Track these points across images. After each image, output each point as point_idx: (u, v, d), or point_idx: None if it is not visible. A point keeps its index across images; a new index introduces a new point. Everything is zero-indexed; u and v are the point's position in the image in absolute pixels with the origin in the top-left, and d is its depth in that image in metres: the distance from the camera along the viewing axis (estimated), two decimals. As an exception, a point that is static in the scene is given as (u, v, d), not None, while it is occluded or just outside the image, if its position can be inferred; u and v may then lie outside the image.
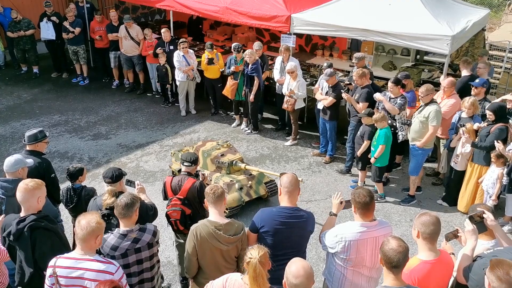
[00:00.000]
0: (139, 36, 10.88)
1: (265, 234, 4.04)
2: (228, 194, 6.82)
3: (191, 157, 5.18)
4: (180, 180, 5.05)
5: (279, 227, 3.99)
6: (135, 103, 11.04)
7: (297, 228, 4.03)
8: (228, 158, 7.26)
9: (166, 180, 5.16)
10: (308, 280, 3.03)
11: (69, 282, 3.43)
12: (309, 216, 4.14)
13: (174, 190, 5.03)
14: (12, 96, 11.16)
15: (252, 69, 8.92)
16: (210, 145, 7.55)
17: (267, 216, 4.07)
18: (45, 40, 11.82)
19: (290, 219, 4.01)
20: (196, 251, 3.99)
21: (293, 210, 4.05)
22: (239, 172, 7.31)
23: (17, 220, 3.75)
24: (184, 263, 4.22)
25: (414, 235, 3.60)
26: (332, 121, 8.30)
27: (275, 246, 3.98)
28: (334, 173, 8.27)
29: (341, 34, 8.94)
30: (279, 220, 4.01)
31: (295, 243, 4.05)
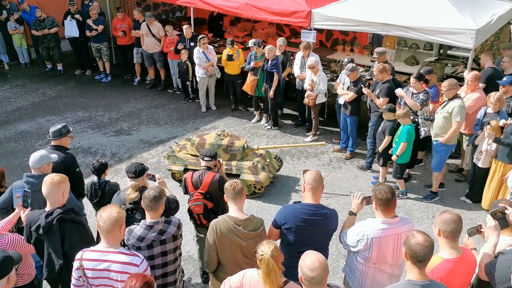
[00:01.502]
0: (160, 33, 10.98)
1: (287, 230, 4.03)
2: (259, 175, 7.17)
3: (211, 152, 5.24)
4: (200, 175, 5.10)
5: (302, 224, 3.98)
6: (156, 99, 11.15)
7: (320, 226, 4.00)
8: (239, 144, 7.35)
9: (186, 175, 5.20)
10: (324, 272, 3.03)
11: (95, 274, 3.50)
12: (332, 214, 4.10)
13: (195, 185, 5.08)
14: (38, 93, 11.40)
15: (272, 65, 8.91)
16: (211, 137, 7.53)
17: (290, 213, 4.05)
18: (69, 38, 12.04)
19: (313, 216, 3.98)
20: (216, 246, 4.02)
21: (317, 207, 4.02)
22: (251, 156, 7.50)
23: (45, 214, 3.84)
24: (204, 257, 4.26)
25: (435, 233, 3.55)
26: (353, 117, 8.24)
27: (297, 243, 3.99)
28: (354, 169, 8.22)
29: (362, 29, 8.85)
30: (302, 217, 3.98)
31: (317, 241, 4.03)
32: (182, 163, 7.53)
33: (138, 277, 3.14)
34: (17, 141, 9.20)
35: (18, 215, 4.39)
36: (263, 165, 7.37)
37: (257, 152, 7.62)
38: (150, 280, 3.18)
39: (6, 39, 12.44)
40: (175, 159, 7.60)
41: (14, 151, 8.84)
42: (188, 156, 7.58)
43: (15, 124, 9.88)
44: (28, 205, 4.36)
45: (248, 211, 4.80)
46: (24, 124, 9.89)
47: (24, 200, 4.36)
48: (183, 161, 7.53)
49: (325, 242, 4.13)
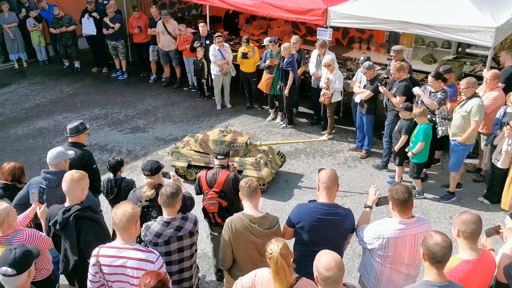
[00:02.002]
0: (176, 31, 11.02)
1: (301, 229, 4.01)
2: (262, 171, 7.23)
3: (224, 150, 5.26)
4: (214, 173, 5.11)
5: (316, 223, 3.95)
6: (171, 97, 11.20)
7: (334, 226, 3.97)
8: (242, 140, 7.42)
9: (200, 174, 5.21)
10: (340, 271, 3.01)
11: (112, 270, 3.53)
12: (348, 214, 4.05)
13: (210, 183, 5.09)
14: (55, 90, 11.54)
15: (287, 63, 8.88)
16: (214, 133, 7.62)
17: (303, 212, 4.02)
18: (86, 36, 12.16)
19: (327, 216, 3.94)
20: (231, 244, 4.02)
21: (331, 206, 3.98)
22: (254, 152, 7.56)
23: (62, 210, 3.88)
24: (219, 255, 4.26)
25: (454, 234, 3.50)
26: (369, 115, 8.18)
27: (311, 243, 3.96)
28: (370, 168, 8.15)
29: (379, 26, 8.77)
30: (316, 216, 3.95)
31: (331, 240, 3.98)
32: (185, 159, 7.63)
33: (152, 275, 3.15)
34: (35, 137, 9.33)
35: (34, 211, 4.45)
36: (265, 161, 7.45)
37: (260, 148, 7.68)
38: (165, 278, 3.19)
39: (25, 37, 12.62)
40: (179, 155, 7.70)
41: (32, 147, 8.96)
42: (191, 152, 7.67)
43: (33, 121, 10.02)
44: (43, 201, 4.41)
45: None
46: (42, 121, 10.02)
47: (40, 196, 4.40)
48: (187, 157, 7.63)
49: (340, 242, 4.09)
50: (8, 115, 10.28)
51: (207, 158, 7.50)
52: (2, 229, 4.03)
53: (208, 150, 7.52)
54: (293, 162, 8.39)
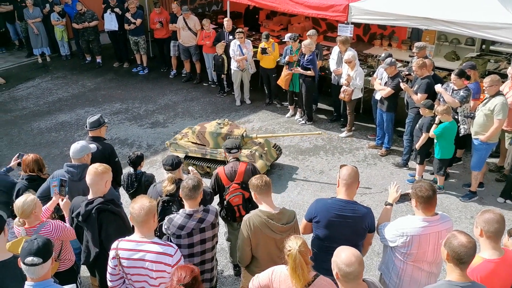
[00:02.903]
0: (197, 27, 11.06)
1: (318, 224, 4.01)
2: (256, 164, 7.15)
3: (235, 143, 5.29)
4: (232, 167, 5.14)
5: (332, 219, 3.94)
6: (191, 92, 11.26)
7: (351, 222, 3.94)
8: (238, 133, 7.52)
9: (218, 171, 5.20)
10: (361, 267, 3.00)
11: (130, 263, 3.57)
12: (367, 212, 4.01)
13: (230, 177, 5.10)
14: (77, 85, 11.71)
15: (308, 61, 8.83)
16: (211, 125, 7.75)
17: (321, 207, 4.03)
18: (108, 31, 12.29)
19: (344, 211, 3.93)
20: (250, 241, 4.03)
21: (349, 203, 3.97)
22: (249, 144, 7.68)
23: (85, 202, 3.95)
24: (238, 253, 4.28)
25: (477, 234, 3.44)
26: (389, 113, 8.09)
27: (327, 238, 3.96)
28: (390, 166, 8.08)
29: (402, 23, 8.65)
30: (333, 212, 3.94)
31: (348, 237, 3.95)
32: (183, 150, 7.76)
33: (187, 270, 3.11)
34: (58, 131, 9.49)
35: (55, 203, 4.52)
36: (261, 154, 7.55)
37: (256, 141, 7.78)
38: (198, 273, 3.17)
39: (48, 32, 12.84)
40: (177, 147, 7.84)
41: (55, 140, 9.12)
42: (189, 143, 7.82)
43: (56, 114, 10.19)
44: (65, 193, 4.47)
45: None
46: (64, 114, 10.18)
47: (60, 189, 4.46)
48: (184, 149, 7.77)
49: (357, 240, 4.05)
50: (31, 109, 10.47)
51: (203, 150, 7.66)
52: (29, 221, 4.13)
53: (204, 141, 7.69)
54: (312, 159, 8.36)
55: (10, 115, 10.18)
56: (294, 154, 8.52)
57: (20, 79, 12.05)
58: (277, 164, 8.17)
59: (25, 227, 4.12)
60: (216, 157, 7.57)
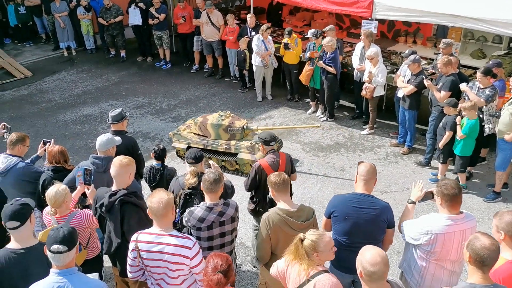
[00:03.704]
0: (220, 22, 11.09)
1: (336, 219, 4.06)
2: (255, 155, 7.43)
3: (273, 135, 5.30)
4: (274, 158, 5.16)
5: (349, 212, 3.99)
6: (213, 87, 11.31)
7: (369, 216, 3.96)
8: (239, 124, 7.61)
9: (260, 164, 5.12)
10: (386, 267, 2.99)
11: (150, 256, 3.63)
12: (385, 206, 4.03)
13: (275, 168, 5.06)
14: (102, 78, 11.89)
15: (330, 59, 8.78)
16: (213, 117, 7.83)
17: (338, 201, 4.09)
18: (132, 26, 12.43)
19: (361, 204, 3.98)
20: (270, 239, 4.05)
21: (366, 196, 4.02)
22: (250, 136, 7.78)
23: (109, 193, 4.02)
24: (257, 252, 4.30)
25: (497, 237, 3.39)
26: (411, 111, 7.99)
27: (346, 232, 3.99)
28: (412, 165, 7.99)
29: (427, 20, 8.52)
30: (350, 205, 4.00)
31: (367, 231, 3.98)
32: (185, 141, 7.93)
33: (222, 257, 3.16)
34: (82, 123, 9.66)
35: (80, 193, 4.62)
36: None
37: (257, 133, 7.80)
38: (231, 262, 3.23)
39: (74, 26, 13.06)
40: (180, 137, 8.00)
41: (79, 133, 9.29)
42: (191, 135, 7.94)
43: (81, 107, 10.37)
44: (90, 181, 4.55)
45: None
46: (89, 107, 10.35)
47: (85, 178, 4.54)
48: (187, 139, 7.92)
49: (376, 235, 4.05)
50: (57, 101, 10.68)
51: (205, 141, 7.78)
52: (60, 210, 4.24)
53: (206, 133, 7.79)
54: (332, 155, 8.33)
55: (36, 107, 10.41)
56: (314, 150, 8.50)
57: (46, 72, 12.30)
58: (297, 160, 8.16)
59: (56, 217, 4.22)
60: (217, 148, 7.73)
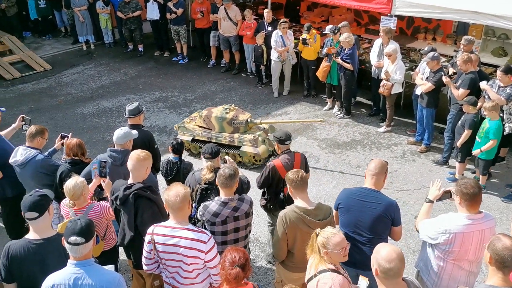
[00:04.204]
0: (237, 17, 11.08)
1: (341, 210, 4.15)
2: (258, 148, 7.59)
3: (289, 134, 5.26)
4: (288, 158, 5.12)
5: (353, 204, 4.06)
6: (229, 82, 11.32)
7: (372, 209, 4.00)
8: (242, 118, 7.72)
9: (274, 164, 5.09)
10: (401, 263, 2.98)
11: (165, 249, 3.66)
12: (391, 203, 4.05)
13: (288, 169, 4.94)
14: (119, 72, 11.98)
15: (347, 55, 8.71)
16: (217, 110, 7.96)
17: (345, 194, 4.19)
18: (150, 20, 12.48)
19: (365, 198, 4.04)
20: (287, 237, 4.04)
21: (372, 191, 4.06)
22: (254, 129, 7.88)
23: (124, 186, 4.05)
24: (273, 249, 4.29)
25: None
26: (429, 108, 7.89)
27: (349, 224, 4.05)
28: (429, 163, 7.89)
29: (448, 16, 8.40)
30: (354, 198, 4.08)
31: (370, 225, 4.00)
32: (190, 133, 8.06)
33: (239, 251, 3.18)
34: (100, 117, 9.75)
35: (95, 185, 4.66)
36: (264, 139, 7.76)
37: (261, 126, 7.96)
38: (248, 256, 3.25)
39: (93, 20, 13.18)
40: (185, 130, 8.12)
41: (97, 126, 9.38)
42: (196, 127, 8.06)
43: (98, 101, 10.47)
44: (106, 174, 4.59)
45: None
46: (106, 101, 10.45)
47: (100, 170, 4.57)
48: (191, 132, 8.05)
49: (379, 231, 4.05)
50: (75, 95, 10.80)
51: (209, 134, 7.90)
52: (78, 202, 4.29)
53: (210, 125, 7.91)
54: (348, 153, 8.27)
55: (55, 100, 10.54)
56: (330, 147, 8.45)
57: (65, 65, 12.44)
58: (313, 156, 8.13)
59: (74, 209, 4.28)
60: (220, 141, 7.81)
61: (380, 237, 4.03)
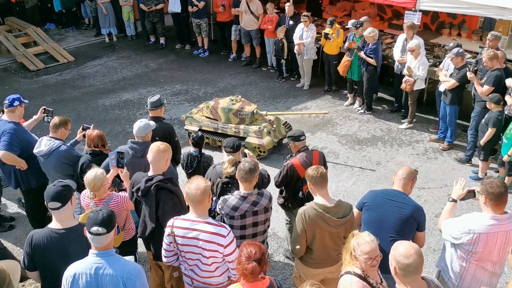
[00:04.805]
0: (259, 11, 11.04)
1: (366, 208, 4.11)
2: (263, 139, 7.66)
3: (300, 131, 5.23)
4: (306, 156, 5.07)
5: (381, 202, 4.04)
6: (250, 76, 11.30)
7: (397, 209, 3.96)
8: (248, 109, 7.81)
9: (292, 163, 5.04)
10: (420, 258, 2.94)
11: (185, 241, 3.68)
12: (417, 207, 4.01)
13: (306, 167, 4.85)
14: (141, 65, 12.07)
15: (371, 50, 8.60)
16: (224, 101, 8.06)
17: (372, 194, 4.19)
18: (172, 13, 12.53)
19: (393, 197, 4.01)
20: (306, 233, 4.02)
21: (400, 192, 4.03)
22: (259, 121, 7.97)
23: (145, 178, 4.09)
24: (292, 245, 4.29)
25: None
26: (453, 106, 7.75)
27: (374, 222, 4.00)
28: (452, 162, 7.77)
29: (474, 12, 8.22)
30: (382, 196, 4.06)
31: (396, 225, 3.94)
32: (197, 124, 8.20)
33: (255, 246, 3.18)
34: (121, 109, 9.85)
35: (113, 176, 4.70)
36: (269, 130, 7.85)
37: (266, 118, 8.03)
38: (265, 250, 3.25)
39: (116, 12, 13.29)
40: (192, 120, 8.28)
41: (118, 118, 9.48)
42: (203, 118, 8.21)
43: (120, 93, 10.57)
44: (123, 165, 4.63)
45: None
46: (128, 93, 10.54)
47: (118, 161, 4.61)
48: (199, 122, 8.19)
49: (405, 232, 3.98)
50: (97, 86, 10.93)
51: (215, 124, 8.01)
52: (99, 193, 4.34)
53: (217, 116, 8.02)
54: (369, 149, 8.19)
55: (78, 91, 10.67)
56: (351, 143, 8.38)
57: (88, 57, 12.59)
58: (332, 152, 8.08)
59: (95, 200, 4.34)
60: (226, 131, 7.91)
61: (405, 238, 3.95)
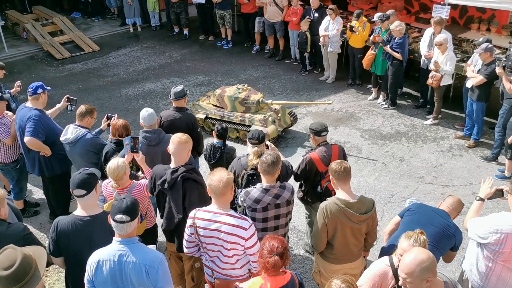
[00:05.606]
0: (283, 3, 10.96)
1: (410, 212, 4.10)
2: (267, 128, 7.68)
3: (325, 125, 5.10)
4: (325, 151, 4.99)
5: (426, 211, 4.06)
6: (273, 69, 11.25)
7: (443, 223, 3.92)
8: (254, 98, 7.88)
9: (311, 156, 4.97)
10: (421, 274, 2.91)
11: (206, 233, 3.69)
12: (459, 230, 3.99)
13: (325, 162, 4.91)
14: (164, 56, 12.13)
15: (397, 44, 8.45)
16: (231, 89, 8.16)
17: (419, 204, 4.23)
18: (196, 4, 12.54)
19: (438, 212, 4.01)
20: (327, 228, 3.99)
21: (446, 214, 4.04)
22: (265, 110, 8.04)
23: (171, 170, 4.10)
24: (312, 239, 4.26)
25: None
26: (480, 102, 7.58)
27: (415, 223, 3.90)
28: (477, 159, 7.61)
29: (504, 6, 8.03)
30: (430, 209, 4.11)
31: (436, 235, 3.85)
32: (204, 111, 8.29)
33: (277, 240, 3.17)
34: (144, 99, 9.93)
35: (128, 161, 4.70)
36: (274, 119, 7.90)
37: (272, 107, 8.10)
38: (287, 245, 3.24)
39: (141, 3, 13.36)
40: (199, 108, 8.36)
41: (141, 107, 9.29)
42: (209, 106, 8.32)
43: (143, 83, 10.65)
44: (138, 150, 4.67)
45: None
46: (151, 83, 10.61)
47: (132, 146, 4.64)
48: (205, 110, 8.29)
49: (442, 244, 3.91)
50: (121, 76, 11.03)
51: (222, 112, 8.11)
52: (121, 182, 4.39)
53: (223, 104, 8.13)
54: (392, 144, 8.09)
55: (102, 80, 10.79)
56: (373, 138, 8.29)
57: (112, 47, 12.71)
58: (355, 146, 8.01)
59: (118, 189, 4.38)
60: (232, 119, 8.02)
61: (439, 250, 3.91)
